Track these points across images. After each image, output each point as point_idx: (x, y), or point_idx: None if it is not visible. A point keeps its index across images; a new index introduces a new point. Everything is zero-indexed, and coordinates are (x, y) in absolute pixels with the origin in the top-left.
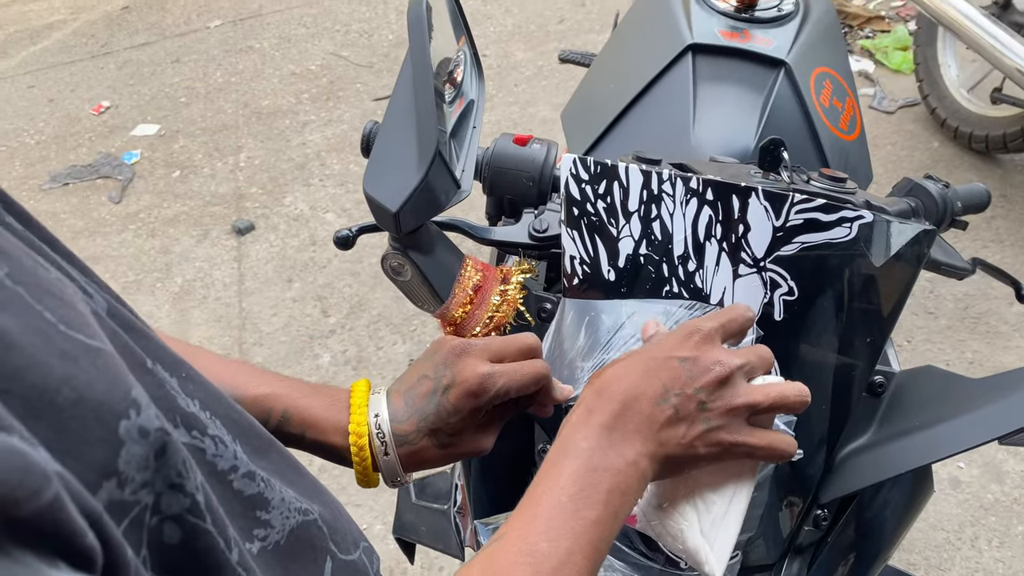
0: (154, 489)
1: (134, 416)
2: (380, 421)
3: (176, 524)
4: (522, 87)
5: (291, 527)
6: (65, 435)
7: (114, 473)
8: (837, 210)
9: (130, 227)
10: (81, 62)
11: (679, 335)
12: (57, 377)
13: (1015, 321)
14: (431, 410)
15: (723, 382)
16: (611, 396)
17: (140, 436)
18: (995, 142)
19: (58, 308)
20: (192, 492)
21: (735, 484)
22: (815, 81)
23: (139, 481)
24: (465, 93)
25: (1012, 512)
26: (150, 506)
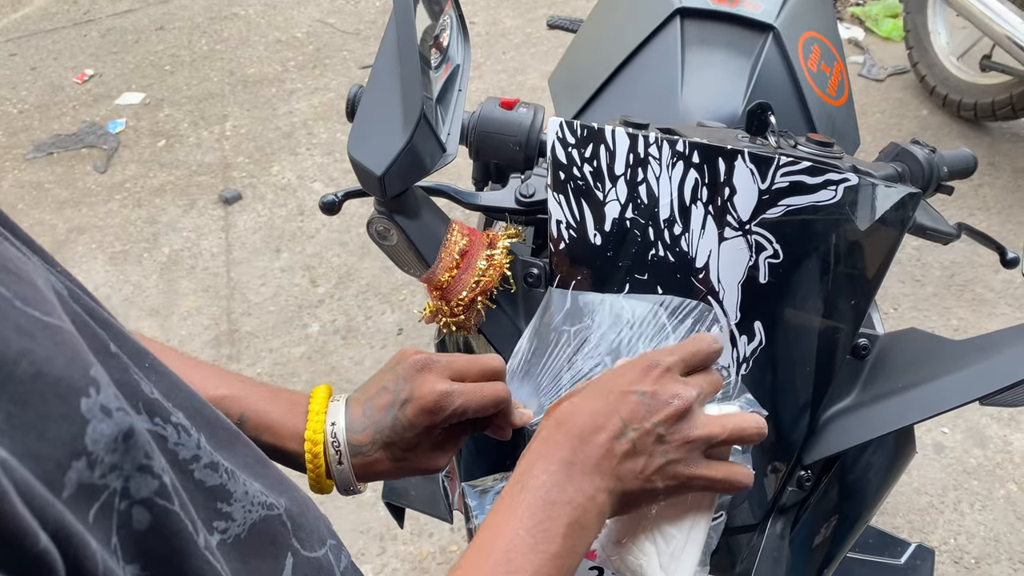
0: (123, 472)
1: (94, 394)
2: (336, 430)
3: (145, 508)
4: (510, 54)
5: (253, 521)
6: (27, 410)
7: (83, 452)
8: (823, 173)
9: (116, 197)
10: (63, 29)
11: (639, 367)
12: (14, 351)
13: (1000, 288)
14: (387, 423)
15: (681, 415)
16: (570, 430)
17: (103, 414)
18: (984, 110)
19: (13, 284)
20: (159, 473)
21: (693, 517)
22: (803, 46)
23: (108, 463)
24: (451, 57)
25: (994, 476)
26: (119, 491)
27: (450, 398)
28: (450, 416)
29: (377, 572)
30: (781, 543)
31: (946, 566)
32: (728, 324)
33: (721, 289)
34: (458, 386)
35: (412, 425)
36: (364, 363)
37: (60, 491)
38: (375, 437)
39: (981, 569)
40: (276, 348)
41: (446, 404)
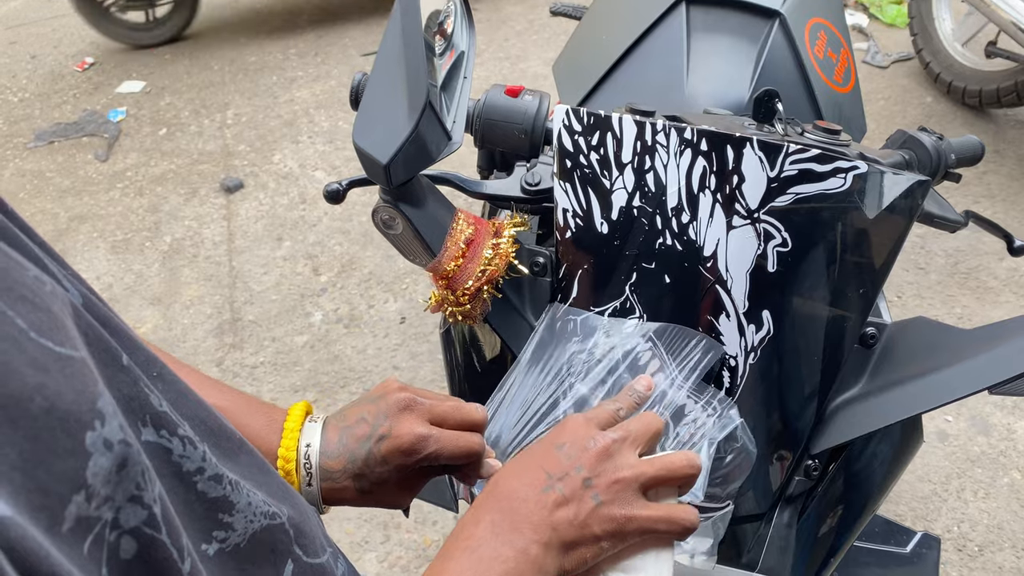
0: (115, 503)
1: (99, 427)
2: (310, 452)
3: (132, 537)
4: (512, 41)
5: (254, 531)
6: (39, 445)
7: (83, 486)
8: (832, 161)
9: (118, 185)
10: (63, 17)
11: (558, 427)
12: (30, 386)
13: (1005, 276)
14: (361, 455)
15: (603, 456)
16: (498, 494)
17: (105, 448)
18: (988, 96)
19: (30, 313)
20: (150, 504)
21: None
22: (809, 32)
23: (103, 495)
24: (455, 44)
25: (998, 464)
26: (110, 522)
27: (426, 442)
28: (423, 459)
29: (381, 560)
30: (788, 532)
31: (949, 554)
32: (737, 315)
33: (729, 278)
34: (436, 431)
35: (384, 461)
36: (367, 352)
37: (60, 525)
38: (347, 466)
39: (984, 557)
40: (279, 337)
41: (421, 448)
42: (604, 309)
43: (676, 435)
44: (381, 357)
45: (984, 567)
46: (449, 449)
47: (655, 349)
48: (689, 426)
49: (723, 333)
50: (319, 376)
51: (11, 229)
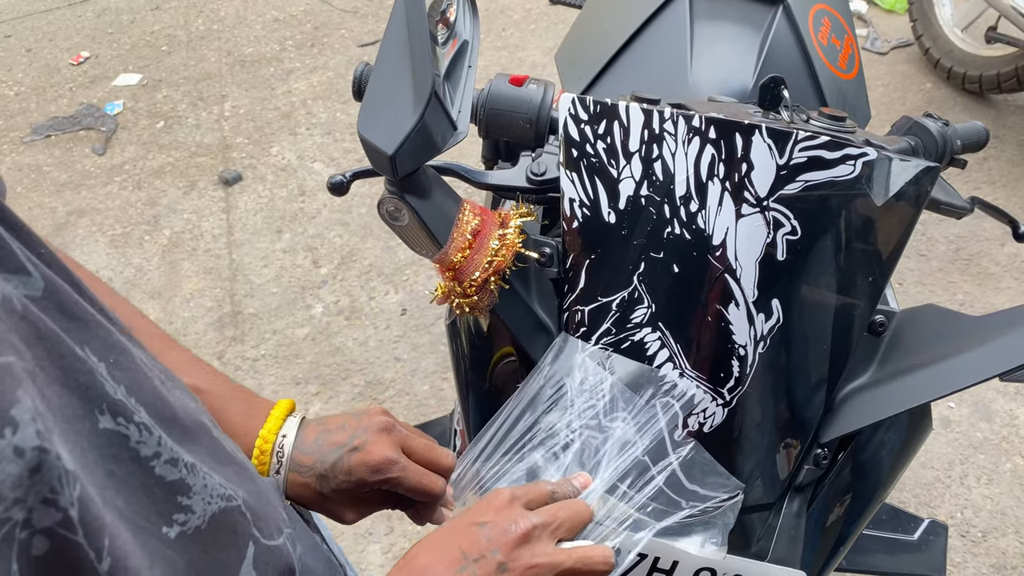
0: (26, 505)
1: (9, 435)
2: (285, 442)
3: (45, 536)
4: (510, 31)
5: (212, 512)
6: None
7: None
8: (841, 147)
9: (115, 179)
10: (58, 10)
11: (483, 501)
12: None
13: (1006, 262)
14: (331, 459)
15: (522, 541)
16: (412, 568)
17: (15, 455)
18: (988, 82)
19: None
20: (65, 507)
21: None
22: (813, 18)
23: (11, 499)
24: (459, 33)
25: (1000, 450)
26: (20, 522)
27: (392, 467)
28: (384, 482)
29: (385, 551)
30: (798, 521)
31: (953, 540)
32: (747, 304)
33: (738, 267)
34: (404, 460)
35: (350, 472)
36: (368, 344)
37: None
38: (315, 465)
39: (988, 542)
40: (280, 329)
41: (386, 469)
42: (612, 300)
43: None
44: (382, 349)
45: (988, 552)
46: (411, 481)
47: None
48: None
49: (732, 322)
50: (320, 368)
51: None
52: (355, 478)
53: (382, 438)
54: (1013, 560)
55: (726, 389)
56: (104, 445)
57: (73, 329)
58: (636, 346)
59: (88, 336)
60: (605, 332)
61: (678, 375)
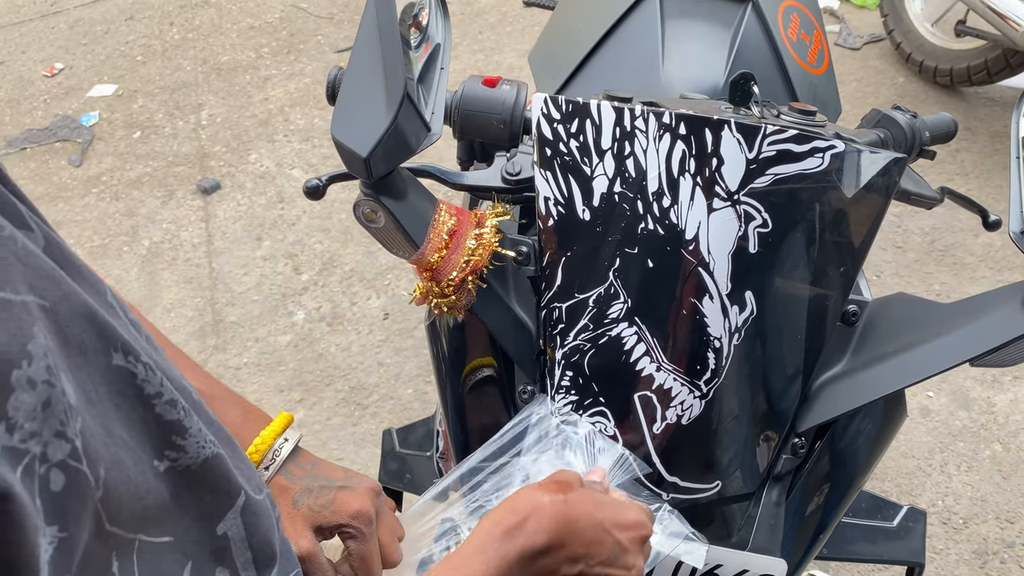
0: (42, 438)
1: (25, 366)
2: (285, 445)
3: (60, 470)
4: (486, 34)
5: (205, 456)
6: None
7: (3, 417)
8: (809, 141)
9: (93, 190)
10: (31, 22)
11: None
12: None
13: (981, 252)
14: (320, 484)
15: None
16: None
17: (28, 385)
18: (959, 75)
19: None
20: (72, 438)
21: None
22: (783, 15)
23: (28, 430)
24: (431, 36)
25: (979, 437)
26: (39, 455)
27: (367, 523)
28: (350, 530)
29: None
30: (777, 511)
31: (935, 527)
32: (720, 297)
33: (711, 260)
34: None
35: (331, 502)
36: (351, 349)
37: None
38: (304, 479)
39: (969, 529)
40: (262, 337)
41: (361, 519)
42: (588, 296)
43: None
44: (366, 354)
45: (969, 539)
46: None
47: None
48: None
49: (707, 315)
50: (304, 375)
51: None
52: (332, 510)
53: (371, 496)
54: (994, 546)
55: (703, 381)
56: (114, 380)
57: (77, 279)
58: (613, 341)
59: (89, 288)
60: (583, 328)
61: (655, 368)
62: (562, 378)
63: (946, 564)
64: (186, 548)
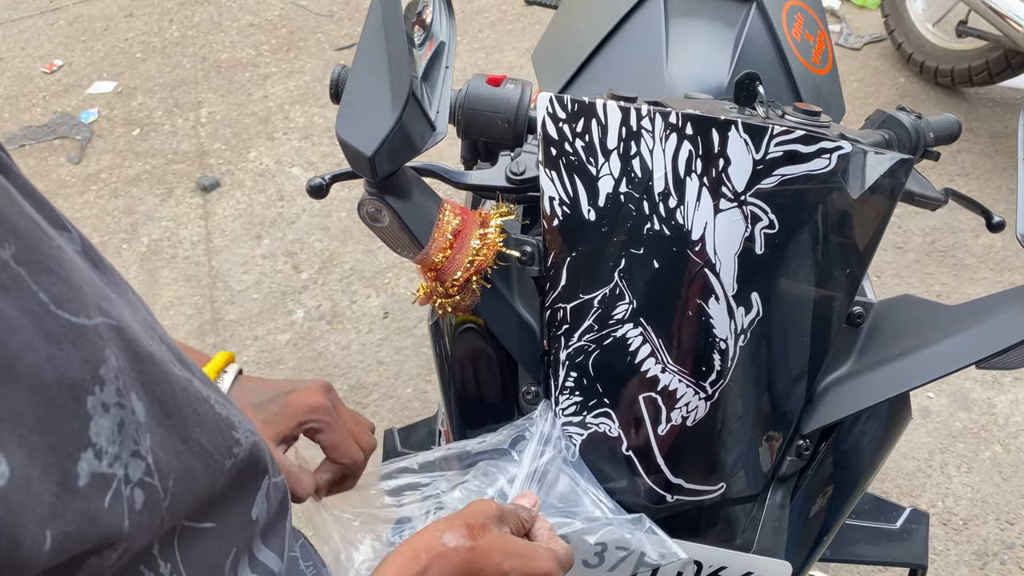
0: (123, 460)
1: (98, 392)
2: (225, 377)
3: (140, 489)
4: (487, 32)
5: (250, 445)
6: (52, 410)
7: (88, 444)
8: (816, 141)
9: (92, 188)
10: (30, 19)
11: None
12: (43, 358)
13: (981, 253)
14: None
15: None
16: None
17: (103, 409)
18: (960, 75)
19: (52, 286)
20: (145, 456)
21: None
22: (787, 14)
23: (112, 454)
24: (435, 34)
25: (979, 439)
26: (122, 478)
27: (325, 413)
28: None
29: None
30: (782, 512)
31: (935, 528)
32: (727, 298)
33: (717, 261)
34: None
35: (284, 406)
36: (351, 348)
37: (76, 480)
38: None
39: (969, 530)
40: (261, 336)
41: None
42: (593, 297)
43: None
44: (365, 353)
45: (969, 540)
46: (336, 436)
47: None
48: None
49: (713, 316)
50: (303, 374)
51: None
52: (287, 414)
53: (322, 390)
54: (994, 547)
55: (708, 383)
56: (186, 388)
57: (108, 284)
58: (618, 342)
59: (121, 290)
60: (587, 329)
61: (660, 369)
62: (566, 379)
63: (946, 565)
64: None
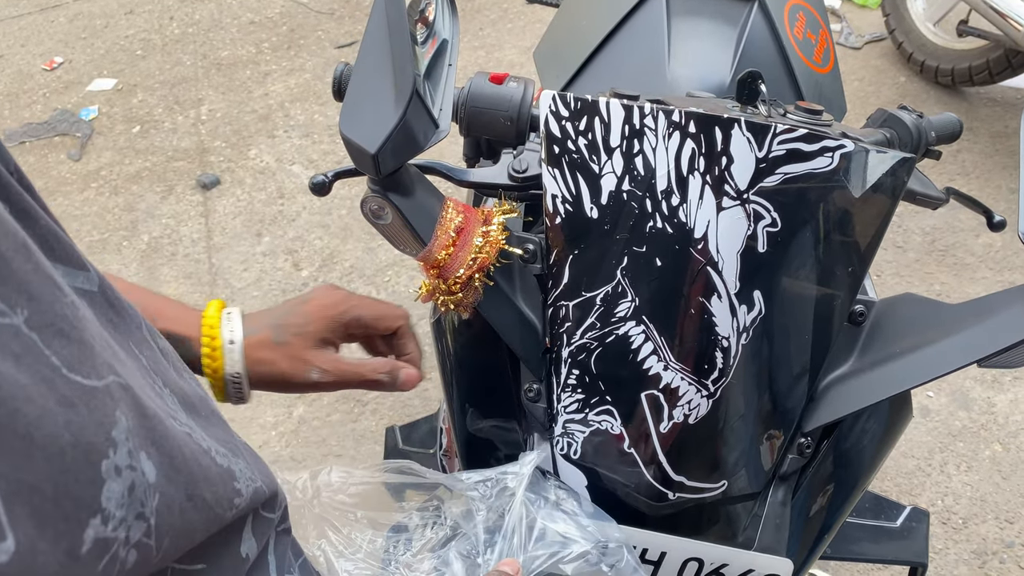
0: (127, 523)
1: (112, 455)
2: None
3: (136, 549)
4: (487, 30)
5: (251, 493)
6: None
7: (99, 510)
8: (819, 140)
9: (92, 185)
10: (30, 15)
11: None
12: (60, 423)
13: (981, 252)
14: (284, 311)
15: None
16: None
17: (116, 473)
18: (961, 75)
19: (64, 348)
20: (149, 516)
21: None
22: (789, 13)
23: (118, 517)
24: (438, 32)
25: (979, 438)
26: (122, 540)
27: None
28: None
29: None
30: (783, 510)
31: (935, 527)
32: (729, 296)
33: (720, 259)
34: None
35: (306, 315)
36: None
37: (80, 548)
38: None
39: (969, 529)
40: None
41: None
42: (596, 294)
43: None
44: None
45: (968, 539)
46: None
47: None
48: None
49: (715, 314)
50: None
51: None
52: (315, 318)
53: (330, 287)
54: (993, 546)
55: (710, 380)
56: (187, 443)
57: (120, 324)
58: (620, 340)
59: (131, 330)
60: (589, 326)
61: (662, 367)
62: (568, 376)
63: (945, 564)
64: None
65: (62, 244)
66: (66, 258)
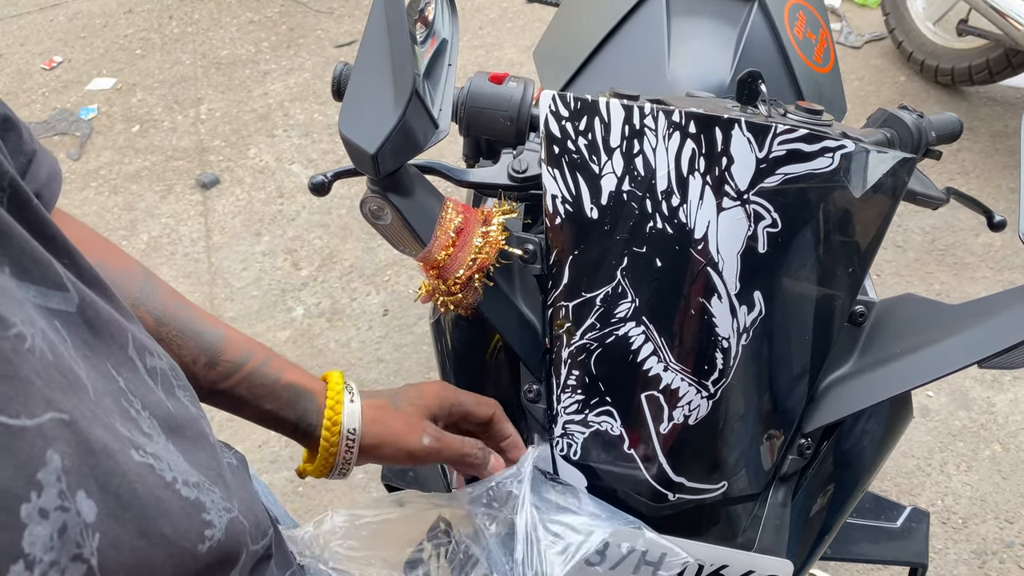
0: (60, 566)
1: (35, 498)
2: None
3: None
4: (487, 30)
5: (225, 523)
6: None
7: (20, 556)
8: (819, 140)
9: (91, 184)
10: (29, 15)
11: None
12: None
13: (981, 252)
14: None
15: None
16: None
17: (40, 516)
18: (961, 74)
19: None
20: (88, 558)
21: None
22: (789, 13)
23: (47, 561)
24: (437, 32)
25: (979, 437)
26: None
27: (449, 389)
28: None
29: None
30: (783, 511)
31: (934, 527)
32: (729, 296)
33: (720, 260)
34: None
35: (420, 393)
36: (350, 345)
37: None
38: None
39: (969, 529)
40: (261, 333)
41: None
42: (596, 295)
43: None
44: (365, 350)
45: (968, 539)
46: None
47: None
48: None
49: (715, 315)
50: None
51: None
52: (427, 394)
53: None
54: (993, 546)
55: (710, 381)
56: (145, 476)
57: (98, 345)
58: (620, 340)
59: (111, 351)
60: (589, 327)
61: (663, 368)
62: (568, 377)
63: (945, 564)
64: None
65: (37, 264)
66: (40, 278)
